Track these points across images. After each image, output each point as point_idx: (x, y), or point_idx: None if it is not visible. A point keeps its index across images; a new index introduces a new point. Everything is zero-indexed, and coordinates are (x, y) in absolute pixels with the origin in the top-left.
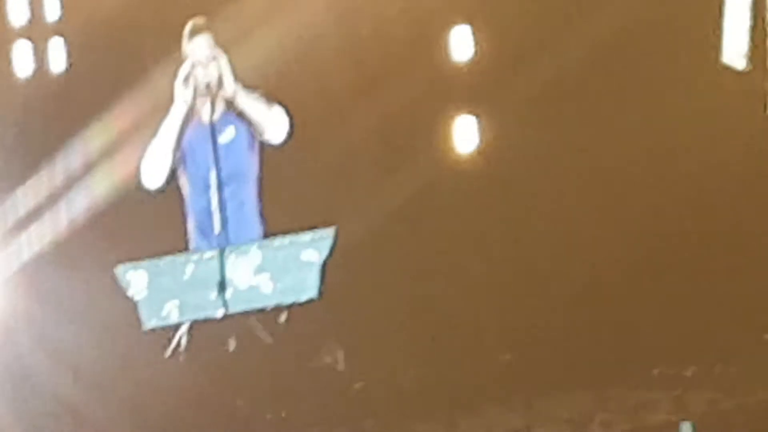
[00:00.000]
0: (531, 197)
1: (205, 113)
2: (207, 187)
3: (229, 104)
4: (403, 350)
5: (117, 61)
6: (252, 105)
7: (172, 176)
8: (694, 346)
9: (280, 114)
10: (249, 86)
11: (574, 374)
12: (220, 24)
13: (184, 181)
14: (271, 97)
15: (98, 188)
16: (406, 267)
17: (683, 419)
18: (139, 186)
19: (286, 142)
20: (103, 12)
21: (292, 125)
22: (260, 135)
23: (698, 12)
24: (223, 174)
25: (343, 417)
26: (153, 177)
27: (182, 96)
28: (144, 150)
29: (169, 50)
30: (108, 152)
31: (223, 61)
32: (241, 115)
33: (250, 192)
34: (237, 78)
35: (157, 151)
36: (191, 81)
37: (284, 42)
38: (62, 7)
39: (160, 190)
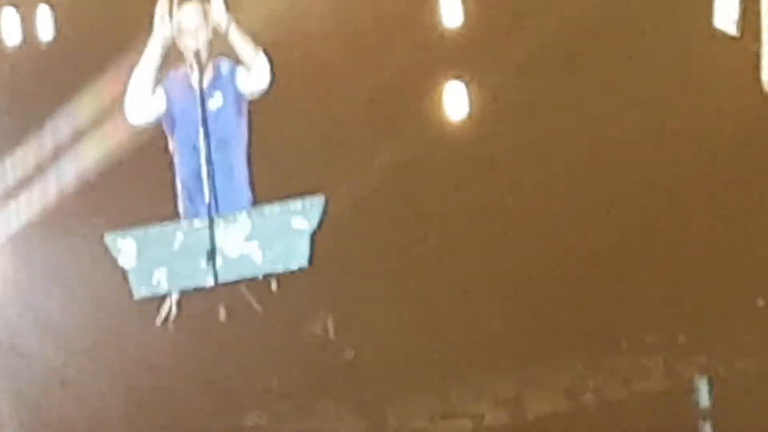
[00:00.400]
0: (522, 165)
1: (194, 79)
2: (196, 153)
3: (216, 43)
4: (393, 319)
5: (104, 28)
6: (242, 41)
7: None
8: (685, 313)
9: (264, 60)
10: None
11: (566, 342)
12: None
13: (173, 147)
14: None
15: (87, 156)
16: (396, 235)
17: (675, 385)
18: (128, 154)
19: (267, 92)
20: None
21: (273, 76)
22: (247, 70)
23: None
24: (212, 140)
25: (334, 386)
26: (136, 112)
27: (161, 31)
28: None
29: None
30: (97, 120)
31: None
32: (230, 54)
33: (239, 159)
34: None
35: (137, 85)
36: (169, 18)
37: (275, 11)
38: None
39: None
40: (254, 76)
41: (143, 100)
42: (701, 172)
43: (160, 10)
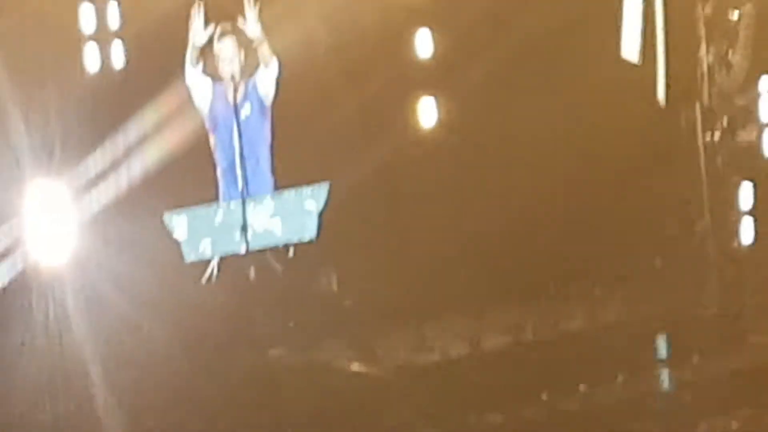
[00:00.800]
0: (479, 161)
1: (230, 95)
2: (232, 149)
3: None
4: (382, 275)
5: (164, 59)
6: (265, 50)
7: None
8: (600, 270)
9: (276, 61)
10: None
11: (513, 291)
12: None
13: (214, 144)
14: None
15: (150, 155)
16: (384, 213)
17: (594, 327)
18: (180, 152)
19: (276, 92)
20: (154, 21)
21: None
22: (265, 67)
23: (604, 14)
24: (244, 140)
25: (336, 326)
26: (188, 75)
27: (192, 38)
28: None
29: (204, 49)
30: (157, 128)
31: (249, 22)
32: (255, 56)
33: (264, 154)
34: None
35: (187, 61)
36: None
37: (287, 40)
38: (121, 17)
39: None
40: (270, 70)
41: (190, 73)
42: (614, 164)
43: (193, 24)
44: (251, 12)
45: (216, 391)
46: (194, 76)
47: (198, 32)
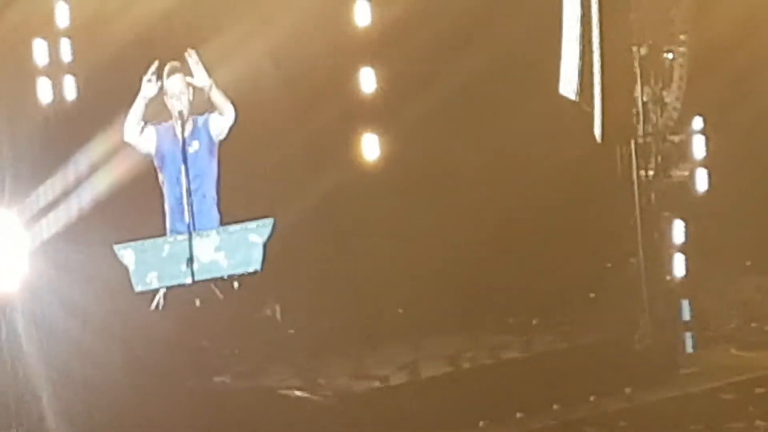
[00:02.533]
0: (419, 195)
1: (178, 131)
2: (179, 184)
3: (200, 96)
4: (323, 305)
5: (115, 92)
6: (219, 96)
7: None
8: (538, 303)
9: (231, 107)
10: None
11: (450, 322)
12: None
13: (162, 180)
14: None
15: (100, 185)
16: (326, 245)
17: (531, 356)
18: (129, 184)
19: (230, 132)
20: (105, 55)
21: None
22: (221, 116)
23: (543, 52)
24: (191, 175)
25: (279, 354)
26: (128, 135)
27: (146, 90)
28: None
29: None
30: (107, 158)
31: (199, 70)
32: (208, 106)
33: (210, 189)
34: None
35: (130, 122)
36: (155, 80)
37: (235, 79)
38: (73, 51)
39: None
40: (225, 118)
41: (133, 131)
42: (551, 198)
43: (148, 75)
44: (194, 63)
45: (163, 415)
46: (135, 134)
47: (152, 86)
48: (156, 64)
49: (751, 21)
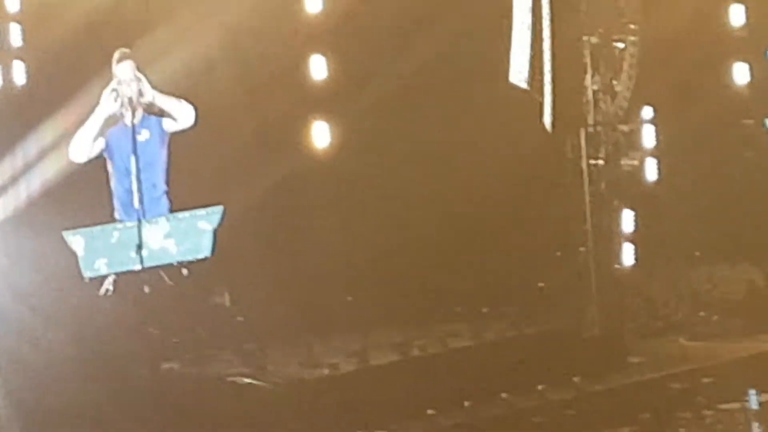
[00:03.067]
0: (369, 183)
1: (127, 118)
2: (128, 173)
3: (149, 108)
4: (273, 292)
5: (65, 77)
6: (166, 102)
7: (96, 158)
8: (487, 292)
9: (187, 105)
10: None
11: (399, 311)
12: (141, 49)
13: (110, 169)
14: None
15: (49, 173)
16: (276, 232)
17: (480, 345)
18: (80, 171)
19: (194, 126)
20: (53, 42)
21: (196, 112)
22: (176, 122)
23: (494, 40)
24: (141, 164)
25: (229, 341)
26: (77, 154)
27: (107, 103)
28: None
29: (103, 71)
30: (56, 146)
31: (143, 81)
32: (161, 113)
33: (160, 178)
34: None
35: (82, 137)
36: (115, 95)
37: (186, 66)
38: (23, 36)
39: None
40: (181, 123)
41: (85, 149)
42: (501, 187)
43: (108, 89)
44: (142, 85)
45: (111, 402)
46: (85, 154)
47: (111, 102)
48: (117, 80)
49: (701, 11)
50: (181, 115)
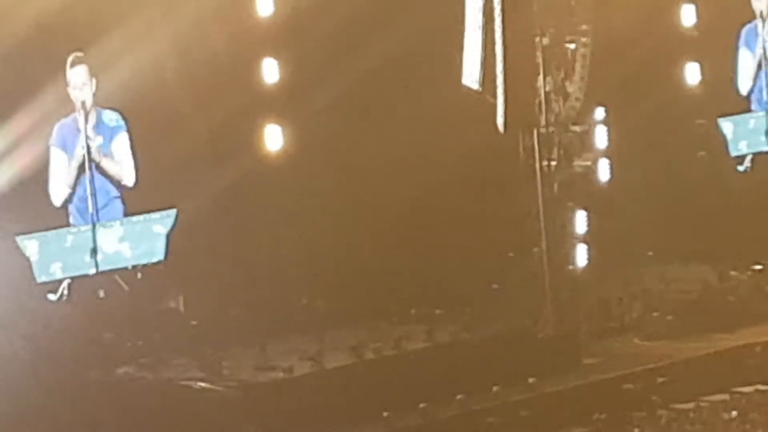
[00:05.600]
0: (322, 186)
1: (80, 123)
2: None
3: (97, 167)
4: (226, 295)
5: (15, 81)
6: (113, 167)
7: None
8: (440, 293)
9: (130, 165)
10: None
11: (355, 311)
12: (92, 53)
13: (62, 157)
14: (129, 115)
15: (2, 177)
16: (229, 235)
17: (434, 347)
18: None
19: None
20: (3, 47)
21: (136, 171)
22: (119, 183)
23: (446, 41)
24: (94, 169)
25: (182, 345)
26: (57, 199)
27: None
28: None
29: (54, 76)
30: (9, 153)
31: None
32: (106, 175)
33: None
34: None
35: (57, 187)
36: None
37: (137, 70)
38: None
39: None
40: (127, 181)
41: (62, 195)
42: (454, 188)
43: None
44: (91, 142)
45: (65, 406)
46: (62, 200)
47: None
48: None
49: (653, 11)
50: (126, 176)
